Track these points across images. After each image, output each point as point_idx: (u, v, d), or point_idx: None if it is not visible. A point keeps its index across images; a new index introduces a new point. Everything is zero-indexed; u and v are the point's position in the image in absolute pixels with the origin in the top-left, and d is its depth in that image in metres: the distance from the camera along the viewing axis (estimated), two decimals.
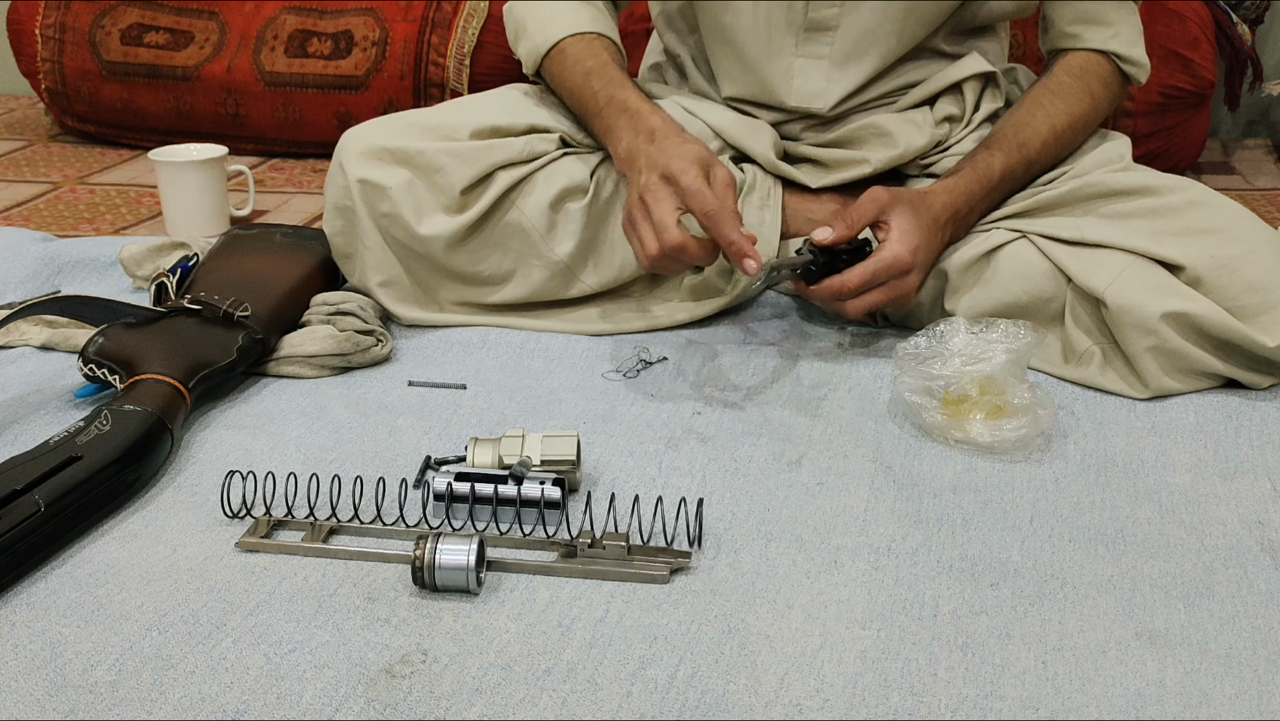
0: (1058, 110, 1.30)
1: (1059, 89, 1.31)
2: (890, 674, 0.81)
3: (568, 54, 1.34)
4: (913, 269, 1.19)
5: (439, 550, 0.88)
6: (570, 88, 1.33)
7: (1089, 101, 1.32)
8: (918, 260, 1.20)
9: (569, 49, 1.34)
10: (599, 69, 1.31)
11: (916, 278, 1.21)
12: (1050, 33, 1.37)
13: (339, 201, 1.33)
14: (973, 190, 1.26)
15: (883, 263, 1.18)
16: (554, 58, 1.35)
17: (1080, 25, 1.34)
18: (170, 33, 2.19)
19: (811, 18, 1.32)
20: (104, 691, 0.79)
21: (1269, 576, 0.92)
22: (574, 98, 1.33)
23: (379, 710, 0.78)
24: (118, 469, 1.00)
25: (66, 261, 1.53)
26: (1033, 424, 1.09)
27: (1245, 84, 2.03)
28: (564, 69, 1.34)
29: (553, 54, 1.35)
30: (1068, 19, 1.34)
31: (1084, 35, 1.34)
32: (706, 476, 1.06)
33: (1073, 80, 1.32)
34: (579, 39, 1.35)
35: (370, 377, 1.25)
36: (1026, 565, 0.93)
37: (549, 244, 1.33)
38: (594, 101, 1.30)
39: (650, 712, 0.78)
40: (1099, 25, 1.33)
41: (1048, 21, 1.37)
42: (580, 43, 1.34)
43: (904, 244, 1.18)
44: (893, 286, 1.20)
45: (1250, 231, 1.21)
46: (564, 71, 1.34)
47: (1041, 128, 1.28)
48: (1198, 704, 0.79)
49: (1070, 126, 1.30)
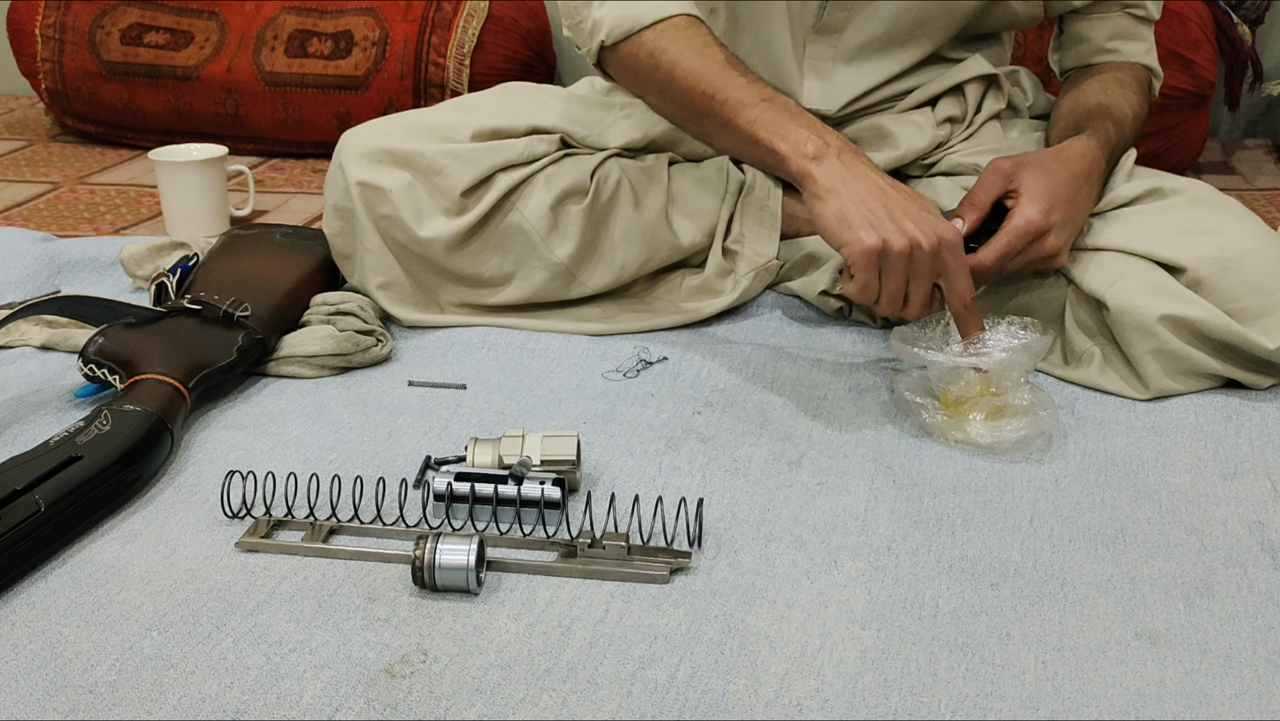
0: (1131, 100, 1.32)
1: (1123, 83, 1.34)
2: (890, 674, 0.81)
3: (688, 31, 1.18)
4: (1049, 230, 1.14)
5: (439, 550, 0.88)
6: (694, 70, 1.17)
7: (1141, 100, 1.35)
8: (1053, 220, 1.14)
9: (687, 28, 1.19)
10: (737, 62, 1.18)
11: (1057, 239, 1.15)
12: (1081, 48, 1.39)
13: (339, 203, 1.33)
14: (1104, 147, 1.23)
15: (1016, 230, 1.12)
16: (665, 31, 1.19)
17: (1120, 41, 1.37)
18: (170, 33, 2.19)
19: (825, 20, 1.32)
20: (104, 691, 0.79)
21: (1269, 576, 0.92)
22: (701, 81, 1.16)
23: (379, 710, 0.78)
24: (118, 469, 1.00)
25: (66, 261, 1.53)
26: (1033, 424, 1.09)
27: (1245, 84, 2.04)
28: (681, 47, 1.17)
29: (662, 27, 1.19)
30: (1106, 35, 1.37)
31: (1124, 50, 1.38)
32: (706, 476, 1.06)
33: (1130, 78, 1.35)
34: (695, 20, 1.20)
35: (370, 377, 1.25)
36: (1026, 565, 0.93)
37: (549, 246, 1.33)
38: (742, 91, 1.15)
39: (650, 712, 0.78)
40: (1137, 41, 1.38)
41: (1077, 38, 1.39)
42: (698, 24, 1.20)
43: (1035, 205, 1.13)
44: (1031, 252, 1.14)
45: (1251, 233, 1.21)
46: (680, 50, 1.17)
47: (1127, 110, 1.30)
48: (1198, 704, 0.79)
49: (1140, 114, 1.33)
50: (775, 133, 1.13)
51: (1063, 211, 1.16)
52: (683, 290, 1.39)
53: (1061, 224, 1.16)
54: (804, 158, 1.11)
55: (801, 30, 1.33)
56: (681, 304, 1.38)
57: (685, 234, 1.37)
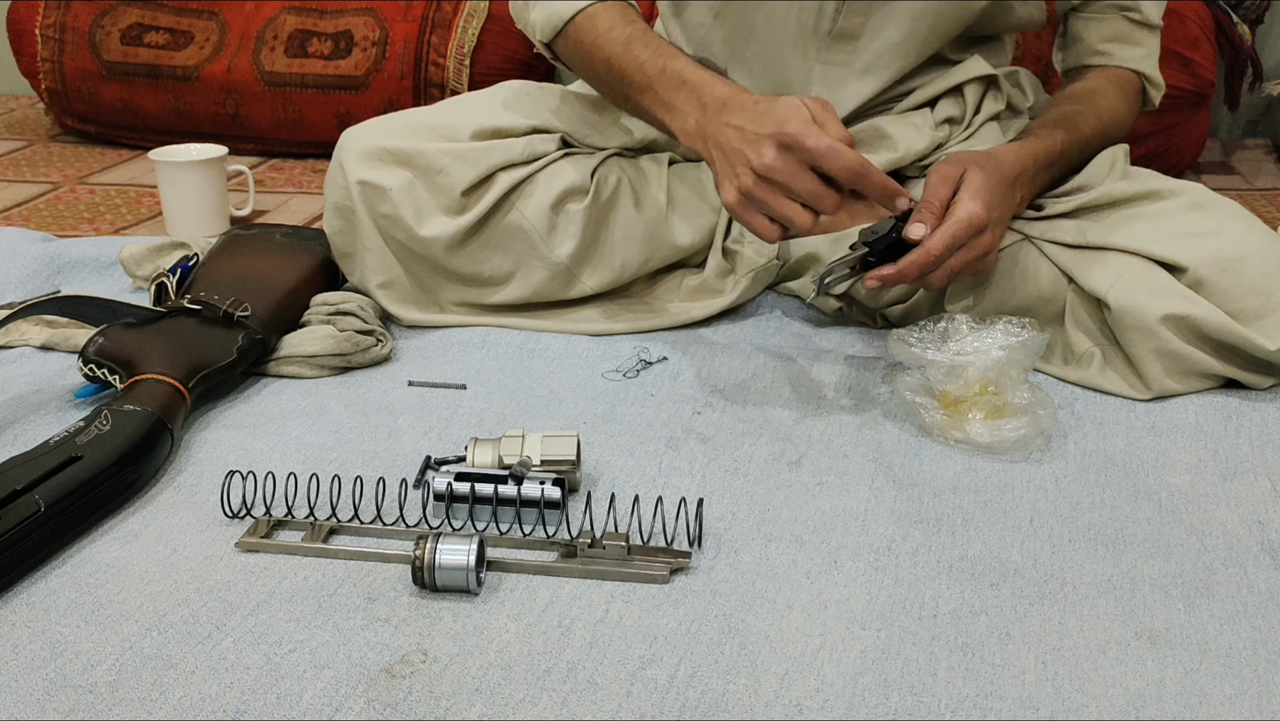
0: (1104, 109, 1.31)
1: (1103, 92, 1.33)
2: (890, 674, 0.81)
3: (599, 20, 1.24)
4: (988, 225, 1.15)
5: (439, 550, 0.88)
6: (605, 58, 1.23)
7: (1126, 110, 1.34)
8: (992, 216, 1.15)
9: (600, 15, 1.24)
10: (640, 36, 1.22)
11: (992, 236, 1.16)
12: (1077, 48, 1.38)
13: (339, 202, 1.33)
14: (1038, 155, 1.23)
15: (961, 222, 1.13)
16: (580, 24, 1.25)
17: (1113, 44, 1.36)
18: (170, 33, 2.19)
19: (841, 25, 1.30)
20: (104, 691, 0.79)
21: (1269, 576, 0.92)
22: (611, 70, 1.23)
23: (379, 710, 0.78)
24: (118, 469, 1.00)
25: (66, 261, 1.53)
26: (1033, 424, 1.09)
27: (1245, 84, 2.04)
28: (595, 37, 1.23)
29: (579, 20, 1.25)
30: (1100, 37, 1.36)
31: (1117, 54, 1.36)
32: (706, 476, 1.06)
33: (1112, 88, 1.34)
34: (609, 6, 1.25)
35: (370, 377, 1.25)
36: (1026, 565, 0.93)
37: (549, 245, 1.33)
38: (640, 74, 1.20)
39: (650, 712, 0.78)
40: (1132, 46, 1.36)
41: (1073, 38, 1.38)
42: (612, 9, 1.25)
43: (978, 200, 1.14)
44: (972, 247, 1.15)
45: (1251, 234, 1.21)
46: (595, 40, 1.23)
47: (1092, 120, 1.29)
48: (1198, 704, 0.79)
49: (1112, 125, 1.32)
50: (666, 110, 1.18)
51: (998, 210, 1.17)
52: (683, 290, 1.39)
53: (996, 222, 1.17)
54: (689, 136, 1.15)
55: (815, 38, 1.31)
56: (681, 304, 1.38)
57: (685, 234, 1.37)
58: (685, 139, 1.17)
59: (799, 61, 1.33)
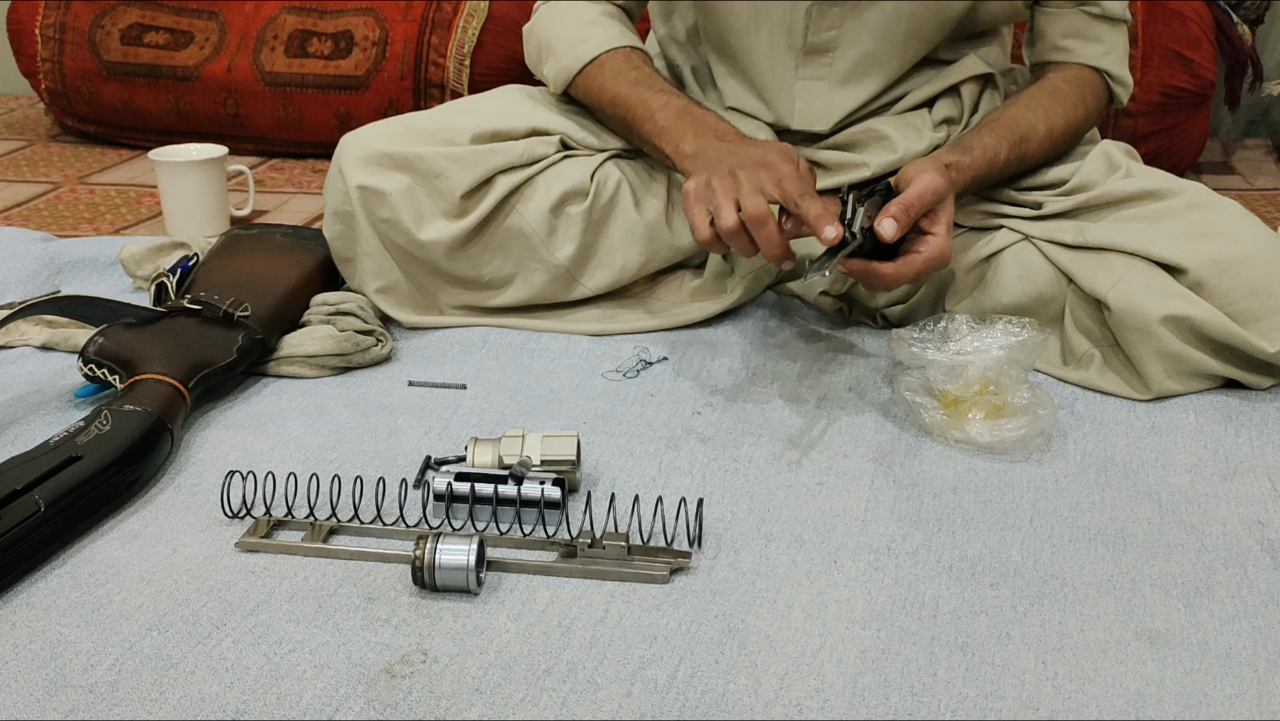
0: (1055, 113, 1.29)
1: (1057, 93, 1.30)
2: (890, 674, 0.81)
3: (606, 68, 1.33)
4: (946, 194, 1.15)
5: (439, 550, 0.88)
6: (613, 96, 1.31)
7: (1082, 110, 1.31)
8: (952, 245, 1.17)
9: (607, 63, 1.33)
10: (646, 80, 1.31)
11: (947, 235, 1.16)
12: (1040, 45, 1.36)
13: (338, 206, 1.33)
14: (979, 172, 1.23)
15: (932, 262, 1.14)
16: (590, 73, 1.33)
17: (1073, 40, 1.33)
18: (170, 33, 2.19)
19: (812, 40, 1.31)
20: (104, 691, 0.79)
21: (1269, 576, 0.92)
22: (618, 105, 1.31)
23: (379, 710, 0.78)
24: (118, 469, 1.00)
25: (66, 261, 1.53)
26: (1032, 424, 1.09)
27: (1245, 84, 2.03)
28: (603, 81, 1.32)
29: (589, 69, 1.33)
30: (1060, 32, 1.33)
31: (1076, 50, 1.33)
32: (706, 476, 1.06)
33: (1070, 88, 1.31)
34: (616, 53, 1.33)
35: (370, 377, 1.25)
36: (1026, 565, 0.94)
37: (550, 248, 1.33)
38: (644, 106, 1.28)
39: (650, 712, 0.78)
40: (1091, 42, 1.33)
41: (1037, 33, 1.36)
42: (618, 56, 1.33)
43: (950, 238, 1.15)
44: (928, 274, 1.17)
45: (1252, 235, 1.21)
46: (603, 83, 1.32)
47: (1040, 127, 1.27)
48: (1198, 704, 0.79)
49: (1064, 131, 1.29)
50: (665, 140, 1.26)
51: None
52: (683, 291, 1.39)
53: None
54: (683, 157, 1.23)
55: (790, 53, 1.32)
56: (682, 305, 1.38)
57: (685, 235, 1.37)
58: (680, 159, 1.23)
59: (780, 77, 1.34)
